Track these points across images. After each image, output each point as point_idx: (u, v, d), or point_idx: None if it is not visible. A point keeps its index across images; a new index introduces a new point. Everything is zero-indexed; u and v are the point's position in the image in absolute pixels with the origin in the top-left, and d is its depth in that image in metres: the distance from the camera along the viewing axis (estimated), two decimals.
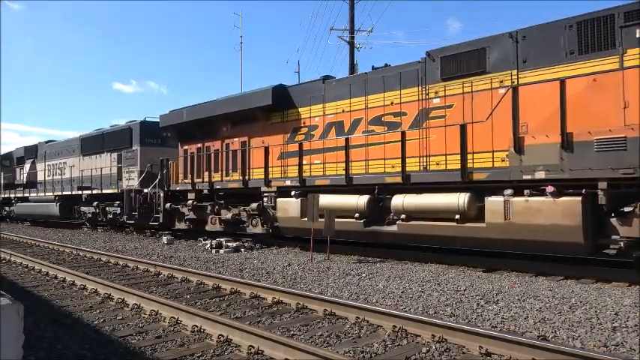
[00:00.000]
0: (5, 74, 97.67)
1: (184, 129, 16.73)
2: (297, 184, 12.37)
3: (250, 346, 4.66)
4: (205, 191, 15.37)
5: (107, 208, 20.36)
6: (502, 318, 5.72)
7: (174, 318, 5.75)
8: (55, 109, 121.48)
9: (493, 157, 9.34)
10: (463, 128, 9.39)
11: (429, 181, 9.94)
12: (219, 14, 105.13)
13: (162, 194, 16.86)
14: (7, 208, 29.78)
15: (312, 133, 12.70)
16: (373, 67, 11.96)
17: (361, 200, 10.95)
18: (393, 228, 10.43)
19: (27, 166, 27.88)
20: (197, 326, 5.37)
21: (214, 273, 8.97)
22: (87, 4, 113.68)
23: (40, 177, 26.65)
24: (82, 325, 5.79)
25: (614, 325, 5.35)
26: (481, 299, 6.70)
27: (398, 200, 10.28)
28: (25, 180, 27.70)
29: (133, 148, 19.61)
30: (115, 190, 19.74)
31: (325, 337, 5.10)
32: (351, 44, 23.25)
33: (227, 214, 14.59)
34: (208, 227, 15.36)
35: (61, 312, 6.46)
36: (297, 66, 48.85)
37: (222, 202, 14.86)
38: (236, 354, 4.69)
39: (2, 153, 31.00)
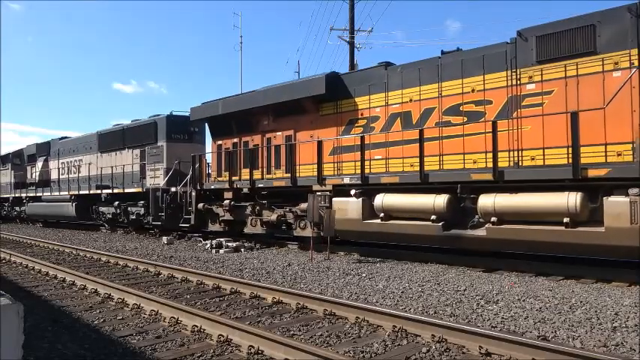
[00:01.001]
0: (5, 74, 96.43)
1: (219, 122, 15.38)
2: (359, 181, 11.03)
3: (250, 346, 4.62)
4: (245, 190, 13.99)
5: (129, 209, 18.95)
6: (502, 318, 5.67)
7: (174, 318, 5.72)
8: (55, 109, 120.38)
9: (606, 151, 8.07)
10: (575, 117, 8.06)
11: (530, 178, 8.58)
12: (219, 14, 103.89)
13: (194, 193, 15.49)
14: (17, 209, 28.24)
15: (372, 125, 11.40)
16: (443, 52, 10.67)
17: (439, 200, 9.60)
18: (481, 232, 9.09)
19: (39, 164, 26.48)
20: (197, 326, 5.33)
21: (214, 273, 8.87)
22: (87, 4, 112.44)
23: (53, 175, 25.31)
24: (82, 325, 5.76)
25: (614, 325, 5.29)
26: (481, 299, 6.61)
27: (487, 200, 8.95)
28: (37, 179, 26.27)
29: (159, 143, 18.28)
30: (139, 189, 18.35)
31: (325, 337, 5.07)
32: (351, 44, 22.90)
33: (271, 216, 13.26)
34: (247, 230, 14.05)
35: (61, 312, 6.41)
36: (298, 66, 47.81)
37: (264, 202, 13.52)
38: (236, 354, 4.65)
39: (13, 151, 29.54)
